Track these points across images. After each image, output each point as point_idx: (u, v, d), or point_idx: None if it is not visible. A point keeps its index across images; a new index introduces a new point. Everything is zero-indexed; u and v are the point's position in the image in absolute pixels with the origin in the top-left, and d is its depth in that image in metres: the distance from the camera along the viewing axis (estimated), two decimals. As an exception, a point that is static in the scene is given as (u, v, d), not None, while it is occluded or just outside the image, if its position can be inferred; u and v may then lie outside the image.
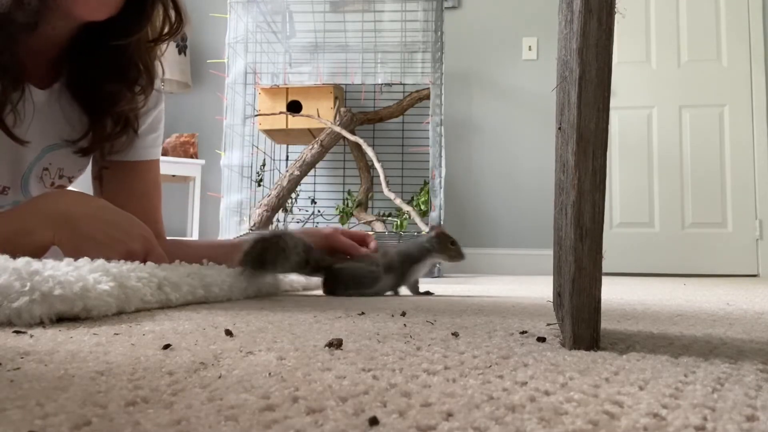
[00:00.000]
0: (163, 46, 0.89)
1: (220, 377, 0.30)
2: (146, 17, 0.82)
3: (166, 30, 0.85)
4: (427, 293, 1.08)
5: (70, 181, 0.93)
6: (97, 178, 0.95)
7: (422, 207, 2.78)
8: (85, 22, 0.78)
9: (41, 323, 0.49)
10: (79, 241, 0.68)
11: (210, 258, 0.88)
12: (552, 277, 0.62)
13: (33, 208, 0.70)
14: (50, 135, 0.85)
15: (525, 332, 0.50)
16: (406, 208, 2.66)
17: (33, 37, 0.76)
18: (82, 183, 0.98)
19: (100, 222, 0.71)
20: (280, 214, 3.05)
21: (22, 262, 0.53)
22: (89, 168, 0.95)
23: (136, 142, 0.93)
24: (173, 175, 3.06)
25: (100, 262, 0.61)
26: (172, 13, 0.85)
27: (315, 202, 3.25)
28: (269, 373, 0.31)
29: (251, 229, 2.66)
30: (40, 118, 0.83)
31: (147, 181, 0.96)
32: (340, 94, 2.98)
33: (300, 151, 2.97)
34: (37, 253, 0.66)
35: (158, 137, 0.98)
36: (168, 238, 1.01)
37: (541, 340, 0.45)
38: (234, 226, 2.70)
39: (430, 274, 2.45)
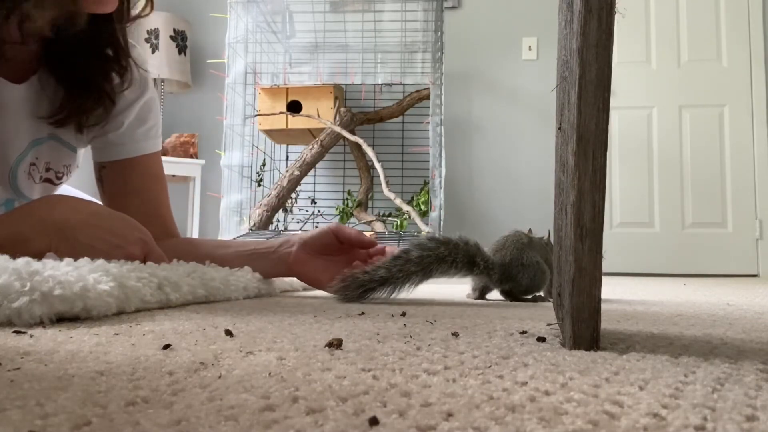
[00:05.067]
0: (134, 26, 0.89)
1: (220, 377, 0.30)
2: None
3: (147, 11, 0.86)
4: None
5: (57, 177, 0.91)
6: (99, 180, 0.94)
7: (422, 207, 2.78)
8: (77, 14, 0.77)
9: (41, 323, 0.49)
10: (76, 250, 0.67)
11: (232, 264, 0.87)
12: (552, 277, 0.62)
13: (28, 215, 0.69)
14: (35, 129, 0.85)
15: (525, 332, 0.50)
16: (406, 208, 2.66)
17: (5, 30, 0.74)
18: (88, 186, 0.98)
19: (97, 229, 0.70)
20: (280, 214, 3.06)
21: (22, 262, 0.53)
22: (91, 171, 0.95)
23: (126, 137, 0.92)
24: (173, 175, 3.06)
25: (100, 262, 0.61)
26: None
27: (315, 202, 3.25)
28: (269, 373, 0.31)
29: (251, 230, 2.66)
30: (21, 112, 0.82)
31: (146, 177, 0.95)
32: (340, 94, 2.98)
33: (300, 151, 2.97)
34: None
35: (150, 129, 0.95)
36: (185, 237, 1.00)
37: (541, 340, 0.45)
38: (234, 226, 2.70)
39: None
